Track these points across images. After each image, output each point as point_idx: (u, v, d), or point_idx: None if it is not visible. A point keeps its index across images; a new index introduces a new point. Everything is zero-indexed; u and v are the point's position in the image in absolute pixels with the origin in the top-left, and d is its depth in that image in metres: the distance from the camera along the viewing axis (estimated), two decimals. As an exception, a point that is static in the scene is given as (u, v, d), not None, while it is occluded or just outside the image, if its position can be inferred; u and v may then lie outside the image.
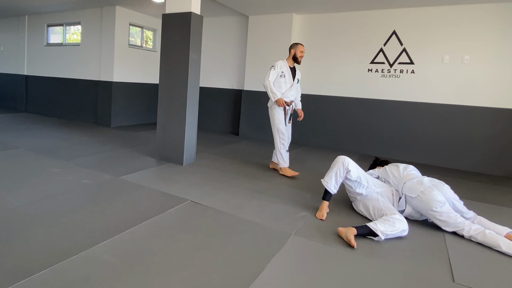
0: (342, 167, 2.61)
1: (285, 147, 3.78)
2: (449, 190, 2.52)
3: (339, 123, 5.56)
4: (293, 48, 3.73)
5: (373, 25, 5.24)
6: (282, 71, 3.70)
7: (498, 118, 4.52)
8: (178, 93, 3.97)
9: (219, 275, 1.76)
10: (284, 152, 3.78)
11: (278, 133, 3.76)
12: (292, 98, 3.81)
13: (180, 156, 3.99)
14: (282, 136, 3.75)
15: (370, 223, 2.30)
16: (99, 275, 1.68)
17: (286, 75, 3.72)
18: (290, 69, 3.76)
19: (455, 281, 1.86)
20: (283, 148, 3.77)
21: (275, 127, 3.77)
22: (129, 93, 6.89)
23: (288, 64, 3.75)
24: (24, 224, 2.19)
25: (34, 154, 4.00)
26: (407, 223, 2.36)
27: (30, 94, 8.22)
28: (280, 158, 3.78)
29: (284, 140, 3.76)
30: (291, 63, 3.77)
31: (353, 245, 2.14)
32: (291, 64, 3.78)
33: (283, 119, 3.76)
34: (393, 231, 2.27)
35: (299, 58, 3.73)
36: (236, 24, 6.56)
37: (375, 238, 2.27)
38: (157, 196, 2.91)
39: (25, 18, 8.00)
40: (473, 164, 4.71)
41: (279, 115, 3.74)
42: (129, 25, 6.66)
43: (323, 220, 2.59)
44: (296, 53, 3.70)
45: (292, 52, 3.72)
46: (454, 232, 2.46)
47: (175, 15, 3.91)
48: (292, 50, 3.72)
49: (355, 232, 2.26)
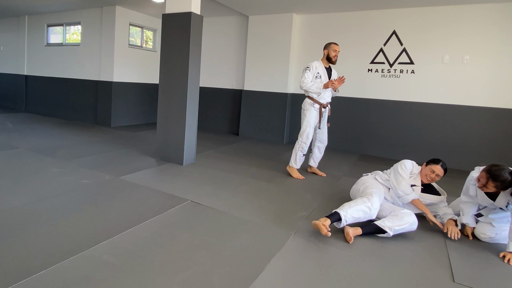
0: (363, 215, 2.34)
1: (304, 151, 3.69)
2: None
3: (339, 123, 5.56)
4: (326, 49, 3.63)
5: (373, 25, 5.24)
6: (318, 72, 3.58)
7: (498, 118, 4.51)
8: (178, 93, 3.97)
9: (219, 275, 1.76)
10: (300, 155, 3.70)
11: (302, 135, 3.66)
12: (328, 100, 3.69)
13: (180, 156, 3.99)
14: (305, 140, 3.64)
15: (377, 221, 2.30)
16: (99, 275, 1.68)
17: (322, 76, 3.59)
18: (326, 70, 3.65)
19: (455, 281, 1.86)
20: (300, 151, 3.68)
21: (302, 128, 3.67)
22: (129, 93, 6.89)
23: (323, 64, 3.65)
24: (24, 224, 2.19)
25: (34, 154, 4.00)
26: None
27: (30, 94, 8.22)
28: (293, 158, 3.73)
29: (306, 144, 3.66)
30: (326, 64, 3.67)
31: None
32: (326, 65, 3.67)
33: (313, 122, 3.64)
34: (402, 225, 2.25)
35: (333, 58, 3.60)
36: (236, 24, 6.56)
37: (383, 235, 2.26)
38: (157, 196, 2.91)
39: (25, 18, 8.00)
40: (473, 164, 4.65)
41: (311, 117, 3.62)
42: (129, 25, 6.66)
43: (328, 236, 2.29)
44: (330, 53, 3.59)
45: (326, 53, 3.62)
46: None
47: (175, 15, 3.91)
48: (325, 51, 3.63)
49: (360, 232, 2.25)
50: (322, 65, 3.64)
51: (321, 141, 3.84)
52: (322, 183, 3.62)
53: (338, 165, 4.52)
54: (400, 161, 2.65)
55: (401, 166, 2.59)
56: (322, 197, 3.16)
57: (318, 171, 3.95)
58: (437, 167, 2.54)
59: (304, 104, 3.70)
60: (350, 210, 2.27)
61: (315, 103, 3.62)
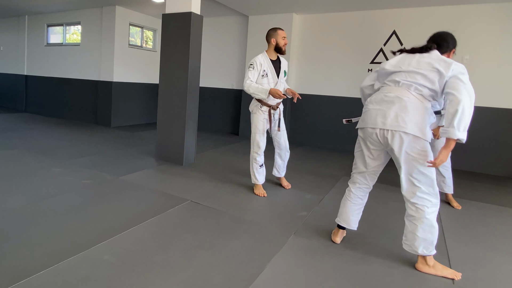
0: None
1: (258, 162, 3.07)
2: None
3: (339, 123, 5.55)
4: (273, 37, 2.92)
5: (373, 25, 5.24)
6: (264, 69, 2.92)
7: (498, 118, 4.51)
8: (178, 93, 3.96)
9: (219, 275, 1.76)
10: (257, 167, 3.08)
11: (253, 144, 3.06)
12: (279, 100, 3.01)
13: (180, 156, 3.99)
14: (256, 149, 3.03)
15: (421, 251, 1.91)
16: (99, 275, 1.68)
17: (269, 73, 2.94)
18: (273, 63, 2.98)
19: (455, 282, 1.86)
20: (255, 163, 3.07)
21: (252, 135, 3.07)
22: (129, 93, 6.89)
23: (269, 57, 2.97)
24: (24, 224, 2.19)
25: (34, 154, 4.00)
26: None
27: (30, 94, 8.21)
28: (252, 173, 3.12)
29: (258, 154, 3.04)
30: (273, 56, 2.99)
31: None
32: (274, 57, 2.99)
33: (262, 128, 3.02)
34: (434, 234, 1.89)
35: (283, 47, 2.94)
36: (236, 24, 6.56)
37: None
38: (157, 196, 2.91)
39: (25, 18, 8.00)
40: (473, 164, 4.71)
41: (258, 122, 3.00)
42: (129, 25, 6.66)
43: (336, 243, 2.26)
44: (279, 41, 2.91)
45: (273, 42, 2.92)
46: (453, 233, 2.46)
47: (175, 15, 3.91)
48: (273, 39, 2.92)
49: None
50: (267, 59, 2.95)
51: (279, 147, 3.20)
52: (322, 183, 3.62)
53: (339, 165, 4.52)
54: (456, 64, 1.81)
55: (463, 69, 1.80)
56: (322, 197, 3.16)
57: (284, 181, 3.37)
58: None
59: (251, 106, 3.08)
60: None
61: (263, 106, 3.00)
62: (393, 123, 1.80)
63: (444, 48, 2.00)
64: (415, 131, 1.76)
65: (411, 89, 1.83)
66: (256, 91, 2.85)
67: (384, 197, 3.22)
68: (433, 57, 1.84)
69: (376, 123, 1.87)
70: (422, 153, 1.78)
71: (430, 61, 1.81)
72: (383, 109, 1.86)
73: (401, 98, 1.83)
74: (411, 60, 1.88)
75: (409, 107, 1.80)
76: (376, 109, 1.90)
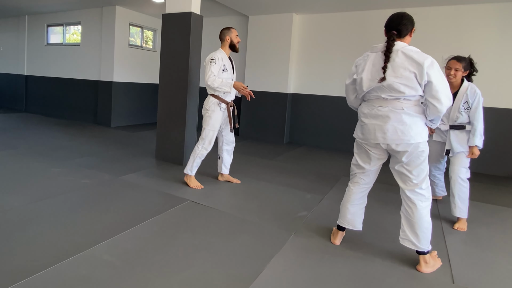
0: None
1: (203, 157, 3.19)
2: None
3: (339, 123, 5.56)
4: (227, 35, 3.06)
5: (373, 25, 5.23)
6: (224, 64, 3.03)
7: (498, 118, 4.51)
8: (178, 93, 3.96)
9: (219, 275, 1.76)
10: (198, 161, 3.19)
11: (204, 140, 3.12)
12: (233, 97, 3.18)
13: (180, 156, 3.99)
14: (207, 146, 3.13)
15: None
16: (99, 275, 1.68)
17: (228, 68, 3.08)
18: (229, 60, 3.15)
19: (455, 282, 1.86)
20: (199, 158, 3.17)
21: (205, 132, 3.11)
22: (129, 93, 6.89)
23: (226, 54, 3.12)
24: (24, 224, 2.19)
25: (34, 154, 4.00)
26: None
27: (30, 94, 8.21)
28: (190, 164, 3.18)
29: (207, 151, 3.16)
30: (227, 53, 3.12)
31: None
32: (228, 54, 3.13)
33: (218, 125, 3.13)
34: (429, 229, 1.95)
35: (237, 45, 3.11)
36: (236, 24, 6.56)
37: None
38: (157, 196, 2.91)
39: (25, 18, 8.00)
40: (473, 164, 4.69)
41: (216, 120, 3.09)
42: (129, 25, 6.66)
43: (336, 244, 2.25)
44: (233, 39, 3.07)
45: (228, 40, 3.06)
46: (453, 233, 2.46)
47: (175, 15, 3.91)
48: (227, 37, 3.06)
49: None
50: (225, 55, 3.08)
51: (228, 143, 3.33)
52: (322, 183, 3.61)
53: (339, 165, 4.52)
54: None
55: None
56: (322, 197, 3.16)
57: (232, 178, 3.45)
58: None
59: (207, 103, 3.11)
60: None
61: (222, 103, 3.08)
62: (393, 137, 1.86)
63: (404, 32, 1.95)
64: (416, 139, 1.84)
65: (400, 100, 1.86)
66: (221, 85, 2.95)
67: (384, 197, 3.22)
68: (402, 57, 1.80)
69: (376, 138, 1.92)
70: (421, 151, 1.87)
71: (405, 64, 1.78)
72: (380, 124, 1.89)
73: (394, 111, 1.86)
74: (385, 69, 1.82)
75: (405, 119, 1.84)
76: (373, 123, 1.93)
